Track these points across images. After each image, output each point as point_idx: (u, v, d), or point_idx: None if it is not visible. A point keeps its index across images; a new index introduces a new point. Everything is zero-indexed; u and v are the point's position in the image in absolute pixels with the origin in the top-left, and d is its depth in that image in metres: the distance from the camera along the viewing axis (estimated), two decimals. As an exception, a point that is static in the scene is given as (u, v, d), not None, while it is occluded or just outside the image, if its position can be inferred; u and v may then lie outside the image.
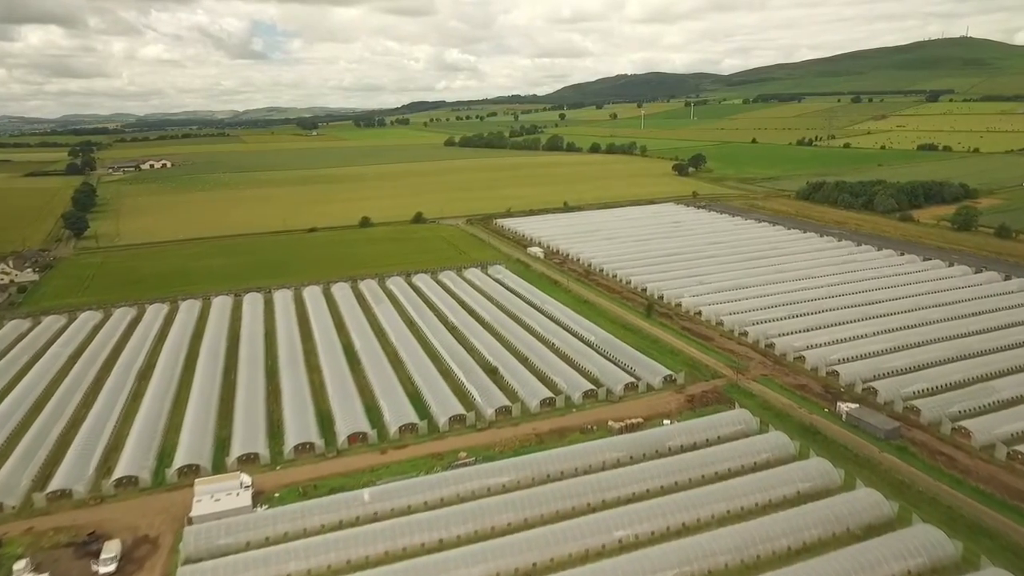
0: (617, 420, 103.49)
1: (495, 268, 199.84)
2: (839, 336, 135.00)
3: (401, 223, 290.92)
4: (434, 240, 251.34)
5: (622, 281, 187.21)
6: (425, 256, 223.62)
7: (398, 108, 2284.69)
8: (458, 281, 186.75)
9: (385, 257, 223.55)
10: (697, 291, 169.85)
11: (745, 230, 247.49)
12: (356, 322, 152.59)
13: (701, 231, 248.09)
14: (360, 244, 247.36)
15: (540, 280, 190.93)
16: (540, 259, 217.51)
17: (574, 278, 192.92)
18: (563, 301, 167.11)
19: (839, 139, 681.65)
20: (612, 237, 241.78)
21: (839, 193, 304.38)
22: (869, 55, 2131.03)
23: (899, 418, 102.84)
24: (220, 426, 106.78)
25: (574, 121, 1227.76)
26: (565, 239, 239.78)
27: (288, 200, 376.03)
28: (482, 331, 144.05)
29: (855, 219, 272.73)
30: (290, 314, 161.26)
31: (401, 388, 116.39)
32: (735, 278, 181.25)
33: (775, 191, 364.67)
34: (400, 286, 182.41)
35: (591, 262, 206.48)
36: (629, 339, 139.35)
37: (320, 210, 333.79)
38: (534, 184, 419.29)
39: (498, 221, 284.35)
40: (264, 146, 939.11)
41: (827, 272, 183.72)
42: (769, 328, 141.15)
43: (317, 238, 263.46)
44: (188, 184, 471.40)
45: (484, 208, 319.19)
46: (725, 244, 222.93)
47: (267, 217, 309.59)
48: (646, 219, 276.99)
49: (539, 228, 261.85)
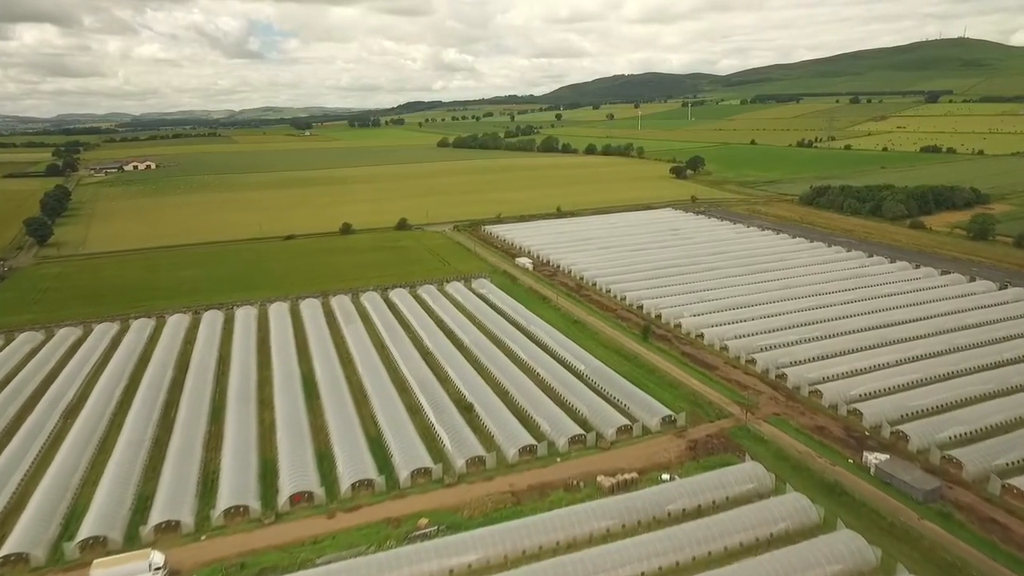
0: (608, 475, 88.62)
1: (479, 282, 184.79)
2: (858, 366, 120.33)
3: (384, 230, 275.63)
4: (417, 249, 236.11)
5: (616, 297, 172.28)
6: (406, 267, 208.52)
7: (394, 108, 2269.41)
8: (438, 297, 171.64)
9: (363, 268, 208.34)
10: (698, 310, 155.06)
11: (748, 239, 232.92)
12: (321, 346, 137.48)
13: (701, 240, 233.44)
14: (338, 253, 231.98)
15: (527, 296, 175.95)
16: (529, 271, 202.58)
17: (564, 293, 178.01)
18: (551, 321, 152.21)
19: (839, 140, 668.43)
20: (606, 246, 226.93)
21: (845, 198, 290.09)
22: (867, 56, 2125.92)
23: (936, 472, 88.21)
24: (146, 480, 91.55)
25: (570, 122, 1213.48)
26: (556, 248, 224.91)
27: (270, 204, 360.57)
28: (460, 358, 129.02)
29: (863, 226, 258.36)
30: (250, 336, 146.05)
31: (361, 431, 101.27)
32: (739, 294, 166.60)
33: (777, 195, 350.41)
34: (375, 303, 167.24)
35: (583, 275, 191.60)
36: (623, 368, 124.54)
37: (301, 215, 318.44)
38: (527, 187, 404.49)
39: (487, 228, 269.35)
40: (255, 146, 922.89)
41: (839, 288, 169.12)
42: (779, 355, 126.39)
43: (293, 246, 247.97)
44: (169, 186, 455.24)
45: (473, 213, 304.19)
46: (727, 255, 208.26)
47: (245, 223, 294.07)
48: (643, 226, 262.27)
49: (529, 236, 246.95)
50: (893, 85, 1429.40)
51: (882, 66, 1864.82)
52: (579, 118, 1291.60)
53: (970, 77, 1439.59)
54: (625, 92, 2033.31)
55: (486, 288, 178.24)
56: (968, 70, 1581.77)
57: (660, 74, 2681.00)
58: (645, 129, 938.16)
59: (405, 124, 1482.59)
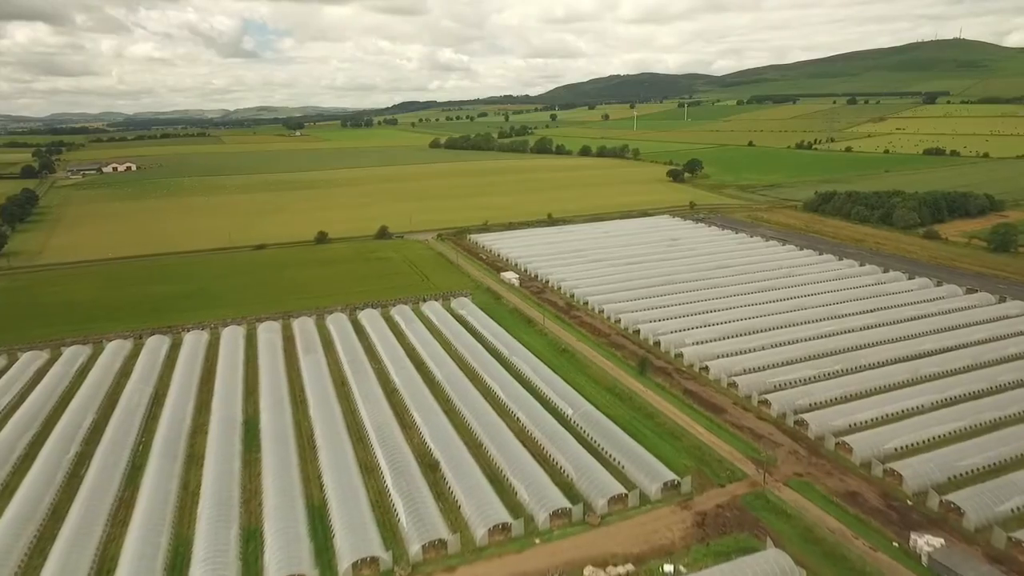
0: (598, 565, 71.62)
1: (459, 301, 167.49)
2: (890, 410, 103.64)
3: (363, 238, 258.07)
4: (396, 262, 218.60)
5: (610, 320, 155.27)
6: (381, 283, 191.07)
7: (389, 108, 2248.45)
8: (412, 319, 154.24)
9: (334, 284, 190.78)
10: (701, 336, 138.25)
11: (751, 250, 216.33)
12: (273, 382, 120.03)
13: (702, 251, 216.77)
14: (310, 266, 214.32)
15: (511, 318, 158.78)
16: (515, 287, 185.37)
17: (552, 314, 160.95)
18: (537, 349, 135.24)
19: (839, 142, 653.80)
20: (599, 259, 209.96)
21: (852, 205, 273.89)
22: (862, 56, 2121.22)
23: (1002, 559, 71.62)
24: (28, 569, 74.06)
25: (565, 122, 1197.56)
26: (545, 261, 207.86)
27: (247, 209, 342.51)
28: (429, 399, 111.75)
29: (873, 236, 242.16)
30: (194, 369, 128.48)
31: (303, 500, 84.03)
32: (746, 315, 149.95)
33: (779, 201, 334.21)
34: (341, 326, 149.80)
35: (574, 292, 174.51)
36: (617, 412, 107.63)
37: (278, 221, 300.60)
38: (518, 191, 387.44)
39: (472, 237, 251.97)
40: (243, 147, 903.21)
41: (856, 309, 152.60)
42: (796, 395, 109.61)
43: (263, 258, 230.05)
44: (145, 190, 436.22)
45: (459, 220, 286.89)
46: (731, 269, 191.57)
47: (217, 229, 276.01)
48: (639, 235, 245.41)
49: (517, 246, 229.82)
50: (890, 86, 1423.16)
51: (878, 67, 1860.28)
52: (574, 118, 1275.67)
53: (966, 78, 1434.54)
54: (621, 92, 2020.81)
55: (466, 308, 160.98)
56: (964, 71, 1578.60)
57: (656, 74, 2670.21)
58: (641, 130, 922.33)
59: (398, 124, 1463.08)
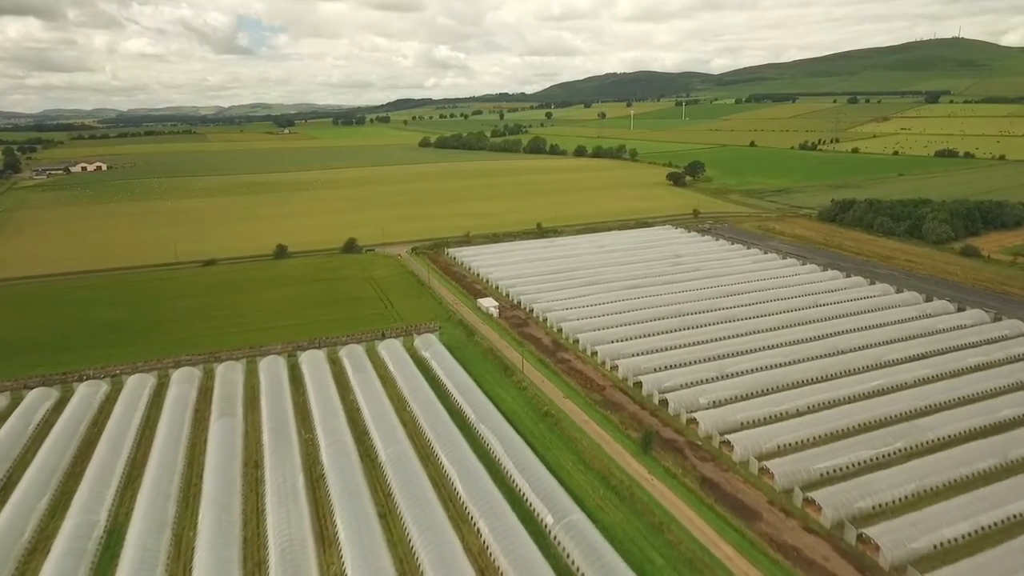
0: None
1: (424, 339, 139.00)
2: (986, 521, 75.97)
3: (328, 252, 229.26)
4: (359, 283, 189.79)
5: (605, 365, 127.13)
6: (335, 312, 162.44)
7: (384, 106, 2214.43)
8: (362, 366, 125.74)
9: (281, 313, 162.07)
10: (718, 392, 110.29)
11: (768, 271, 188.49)
12: (164, 464, 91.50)
13: (710, 270, 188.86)
14: (258, 288, 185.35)
15: (485, 361, 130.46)
16: (493, 318, 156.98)
17: (535, 356, 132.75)
18: (513, 411, 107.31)
19: (844, 143, 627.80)
20: (593, 280, 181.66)
21: (875, 215, 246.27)
22: (860, 55, 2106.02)
23: None
24: None
25: (561, 121, 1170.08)
26: (531, 284, 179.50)
27: (209, 215, 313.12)
28: (363, 498, 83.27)
29: (903, 252, 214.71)
30: (69, 443, 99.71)
31: None
32: (772, 360, 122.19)
33: (790, 209, 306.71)
34: (275, 374, 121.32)
35: (562, 326, 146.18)
36: (614, 516, 79.78)
37: (239, 231, 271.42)
38: (506, 195, 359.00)
39: (451, 251, 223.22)
40: (227, 146, 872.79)
41: (906, 353, 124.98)
42: (856, 494, 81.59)
43: (208, 277, 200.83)
44: (107, 192, 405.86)
45: (439, 229, 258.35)
46: (747, 296, 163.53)
47: (166, 241, 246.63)
48: (638, 251, 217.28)
49: (500, 264, 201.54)
50: (889, 85, 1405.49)
51: (876, 66, 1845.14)
52: (570, 117, 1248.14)
53: (966, 77, 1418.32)
54: (617, 91, 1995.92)
55: (431, 349, 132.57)
56: (963, 70, 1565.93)
57: (652, 73, 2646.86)
58: (638, 129, 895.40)
59: (391, 122, 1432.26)
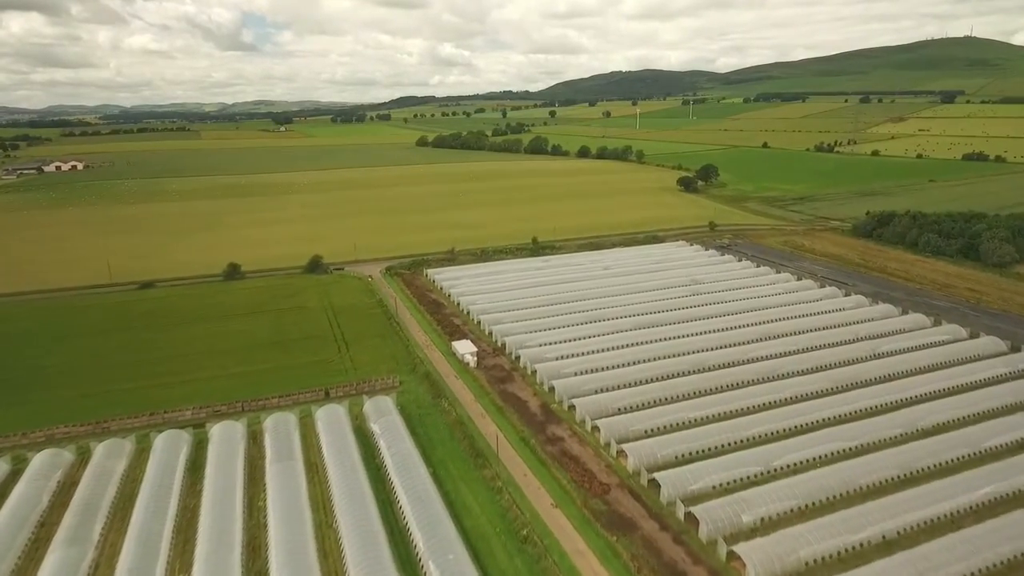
0: None
1: (377, 402, 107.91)
2: None
3: (288, 272, 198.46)
4: (314, 315, 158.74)
5: (610, 449, 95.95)
6: (276, 356, 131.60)
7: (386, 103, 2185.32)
8: (289, 445, 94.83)
9: (207, 358, 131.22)
10: (772, 502, 79.01)
11: (806, 304, 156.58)
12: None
13: (736, 304, 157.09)
14: (190, 322, 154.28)
15: (451, 441, 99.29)
16: (470, 368, 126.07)
17: (518, 432, 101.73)
18: (480, 535, 76.46)
19: (861, 144, 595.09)
20: (595, 316, 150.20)
21: (920, 232, 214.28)
22: (869, 54, 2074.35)
23: None
24: None
25: (565, 119, 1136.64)
26: (520, 321, 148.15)
27: (173, 223, 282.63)
28: None
29: (960, 278, 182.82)
30: None
31: None
32: (834, 445, 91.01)
33: (816, 220, 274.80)
34: (167, 460, 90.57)
35: (554, 384, 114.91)
36: None
37: (196, 243, 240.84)
38: (501, 202, 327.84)
39: (430, 273, 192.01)
40: (218, 144, 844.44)
41: (1010, 438, 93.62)
42: None
43: (139, 304, 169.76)
44: (74, 195, 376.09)
45: (421, 244, 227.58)
46: (787, 342, 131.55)
47: (111, 254, 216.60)
48: (648, 274, 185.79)
49: (484, 292, 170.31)
50: (900, 85, 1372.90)
51: (886, 65, 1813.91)
52: (574, 115, 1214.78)
53: (978, 77, 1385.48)
54: (622, 89, 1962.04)
55: (383, 420, 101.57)
56: (975, 70, 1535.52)
57: (658, 71, 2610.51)
58: (644, 128, 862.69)
59: (391, 120, 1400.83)
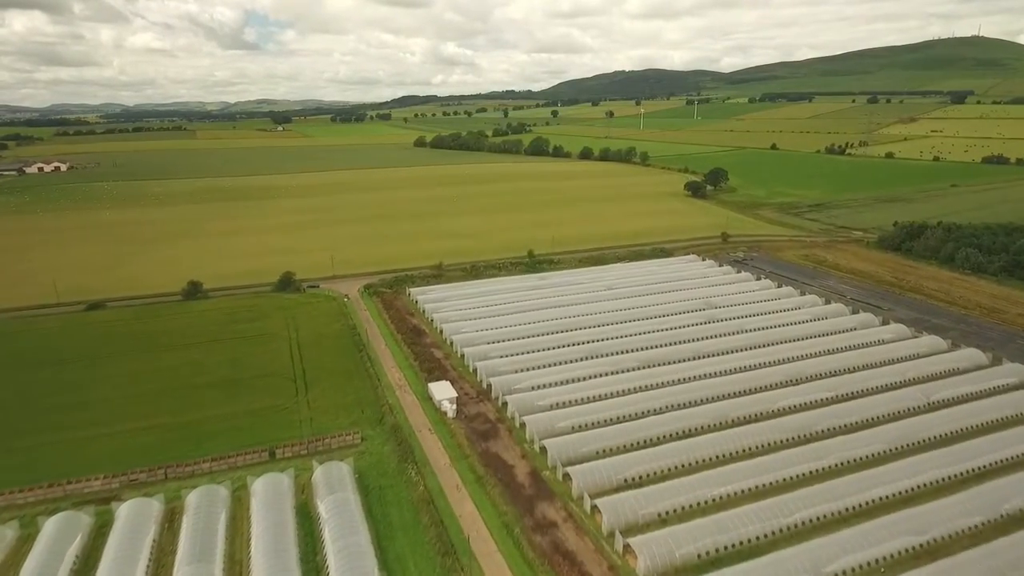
0: None
1: (330, 469, 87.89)
2: None
3: (256, 289, 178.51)
4: (276, 344, 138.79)
5: (615, 542, 75.83)
6: (220, 402, 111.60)
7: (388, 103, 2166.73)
8: (211, 531, 74.98)
9: (140, 401, 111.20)
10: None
11: (837, 334, 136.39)
12: None
13: (757, 333, 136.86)
14: (137, 353, 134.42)
15: (415, 529, 79.11)
16: (448, 420, 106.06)
17: (501, 514, 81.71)
18: None
19: (872, 145, 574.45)
20: (595, 350, 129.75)
21: (956, 246, 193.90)
22: (876, 54, 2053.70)
23: None
24: None
25: (567, 119, 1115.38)
26: (510, 353, 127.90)
27: (143, 231, 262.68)
28: None
29: (1008, 300, 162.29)
30: None
31: None
32: (892, 535, 71.06)
33: (836, 230, 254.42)
34: (50, 554, 70.90)
35: (546, 445, 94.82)
36: None
37: (161, 256, 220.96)
38: (497, 208, 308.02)
39: (413, 292, 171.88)
40: (212, 144, 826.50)
41: None
42: None
43: (79, 328, 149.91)
44: (45, 200, 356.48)
45: (407, 257, 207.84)
46: (825, 386, 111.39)
47: (63, 270, 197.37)
48: (658, 296, 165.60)
49: (472, 318, 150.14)
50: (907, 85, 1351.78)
51: (892, 65, 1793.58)
52: (577, 115, 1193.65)
53: (987, 77, 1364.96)
54: (625, 89, 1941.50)
55: (332, 499, 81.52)
56: (984, 70, 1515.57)
57: (661, 71, 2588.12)
58: (648, 128, 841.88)
59: (392, 119, 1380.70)
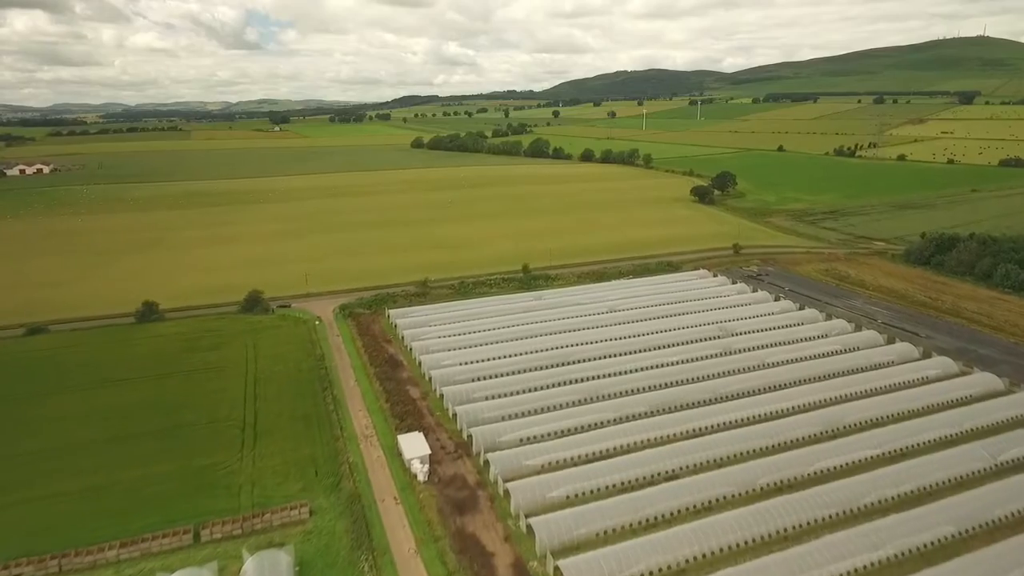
0: None
1: (263, 561, 70.46)
2: None
3: (220, 309, 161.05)
4: (231, 380, 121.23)
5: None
6: (152, 458, 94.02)
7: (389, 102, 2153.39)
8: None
9: (49, 461, 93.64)
10: None
11: (874, 370, 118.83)
12: None
13: (781, 368, 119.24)
14: (68, 391, 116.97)
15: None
16: (418, 483, 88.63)
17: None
18: None
19: (882, 147, 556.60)
20: (595, 391, 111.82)
21: (994, 261, 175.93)
22: (880, 54, 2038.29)
23: None
24: None
25: (569, 120, 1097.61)
26: (496, 395, 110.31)
27: (114, 239, 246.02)
28: None
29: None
30: None
31: None
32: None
33: (856, 240, 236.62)
34: None
35: (534, 525, 77.44)
36: None
37: (121, 268, 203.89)
38: (493, 214, 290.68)
39: (393, 314, 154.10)
40: (206, 144, 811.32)
41: None
42: None
43: (13, 360, 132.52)
44: (19, 203, 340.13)
45: (391, 272, 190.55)
46: (856, 445, 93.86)
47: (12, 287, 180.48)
48: (666, 319, 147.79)
49: (455, 348, 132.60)
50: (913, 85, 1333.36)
51: (897, 65, 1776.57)
52: (579, 115, 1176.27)
53: (994, 77, 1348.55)
54: (627, 89, 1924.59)
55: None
56: (990, 70, 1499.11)
57: (664, 71, 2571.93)
58: (651, 129, 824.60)
59: (391, 120, 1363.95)
